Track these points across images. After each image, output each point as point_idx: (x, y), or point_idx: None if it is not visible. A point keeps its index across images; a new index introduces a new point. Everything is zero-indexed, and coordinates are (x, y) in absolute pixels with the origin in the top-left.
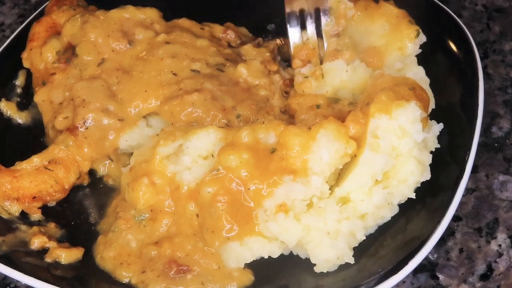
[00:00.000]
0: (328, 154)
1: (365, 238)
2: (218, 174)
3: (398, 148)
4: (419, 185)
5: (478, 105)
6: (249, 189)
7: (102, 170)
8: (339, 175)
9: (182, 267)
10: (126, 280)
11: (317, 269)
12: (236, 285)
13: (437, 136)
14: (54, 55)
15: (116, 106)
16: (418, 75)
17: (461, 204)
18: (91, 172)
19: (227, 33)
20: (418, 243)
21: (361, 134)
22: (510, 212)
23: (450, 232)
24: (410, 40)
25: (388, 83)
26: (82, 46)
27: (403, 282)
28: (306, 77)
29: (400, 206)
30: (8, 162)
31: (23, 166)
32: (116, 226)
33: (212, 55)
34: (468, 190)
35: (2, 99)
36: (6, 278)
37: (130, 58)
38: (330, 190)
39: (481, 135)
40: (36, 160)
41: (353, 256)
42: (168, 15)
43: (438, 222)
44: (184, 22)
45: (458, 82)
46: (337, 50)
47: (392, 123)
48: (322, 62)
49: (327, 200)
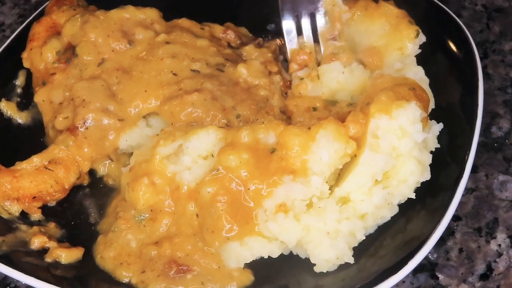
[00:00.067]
0: (327, 154)
1: (365, 238)
2: (218, 174)
3: (398, 148)
4: (419, 185)
5: (478, 105)
6: (249, 189)
7: (102, 170)
8: (339, 175)
9: (182, 267)
10: (126, 280)
11: (317, 269)
12: (236, 285)
13: (437, 136)
14: (54, 55)
15: (116, 106)
16: (418, 75)
17: (461, 204)
18: (91, 172)
19: (227, 33)
20: (418, 243)
21: (361, 134)
22: (509, 212)
23: (450, 232)
24: (410, 40)
25: (388, 83)
26: (82, 46)
27: (403, 282)
28: (302, 78)
29: (400, 206)
30: (8, 162)
31: (23, 166)
32: (116, 226)
33: (212, 55)
34: (468, 190)
35: (2, 99)
36: (6, 278)
37: (130, 58)
38: (330, 190)
39: (481, 135)
40: (36, 160)
41: (352, 256)
42: (168, 15)
43: (437, 222)
44: (184, 22)
45: (458, 82)
46: (334, 54)
47: (392, 123)
48: (319, 65)
49: (327, 200)
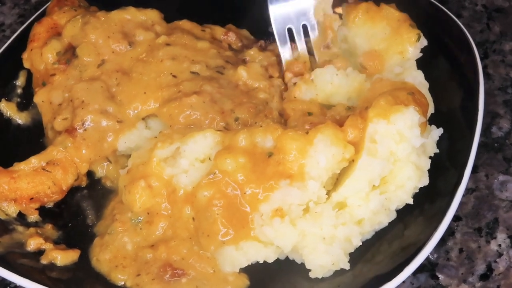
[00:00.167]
0: (325, 158)
1: (361, 243)
2: (214, 178)
3: (396, 153)
4: (417, 190)
5: (478, 109)
6: (245, 193)
7: (100, 172)
8: (337, 180)
9: (177, 271)
10: (121, 283)
11: (312, 274)
12: None
13: (436, 141)
14: (54, 56)
15: (115, 107)
16: (417, 80)
17: (461, 204)
18: (90, 173)
19: (228, 35)
20: (415, 250)
21: (359, 138)
22: (510, 212)
23: (450, 232)
24: (411, 44)
25: (387, 88)
26: (83, 47)
27: (403, 282)
28: (295, 83)
29: (397, 211)
30: (7, 162)
31: (21, 167)
32: (112, 228)
33: (212, 57)
34: (468, 190)
35: (2, 99)
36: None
37: (130, 59)
38: (327, 195)
39: (481, 135)
40: (34, 161)
41: (349, 261)
42: (169, 17)
43: (435, 229)
44: (185, 23)
45: (458, 86)
46: (328, 61)
47: (390, 128)
48: None
49: (324, 205)
